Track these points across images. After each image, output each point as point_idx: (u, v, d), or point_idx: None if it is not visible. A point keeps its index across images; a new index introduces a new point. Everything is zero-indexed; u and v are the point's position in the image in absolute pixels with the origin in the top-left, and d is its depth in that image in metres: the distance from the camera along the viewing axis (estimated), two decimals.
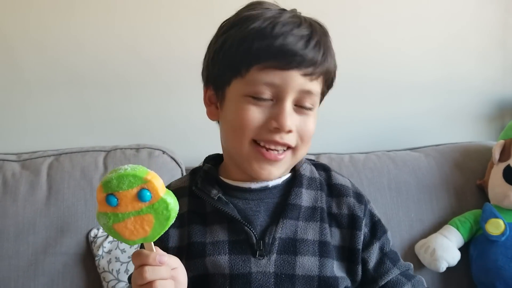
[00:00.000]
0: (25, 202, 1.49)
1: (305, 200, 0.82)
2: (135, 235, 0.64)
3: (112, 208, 0.62)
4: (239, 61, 0.76)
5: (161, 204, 0.63)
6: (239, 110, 0.77)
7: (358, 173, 1.55)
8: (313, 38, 0.76)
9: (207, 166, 0.87)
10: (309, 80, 0.76)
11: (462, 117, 1.86)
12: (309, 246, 0.79)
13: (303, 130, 0.78)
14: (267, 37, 0.75)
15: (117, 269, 1.42)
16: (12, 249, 1.45)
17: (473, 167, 1.58)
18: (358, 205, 0.84)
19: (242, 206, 0.81)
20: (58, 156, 1.58)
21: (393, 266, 0.85)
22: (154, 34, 1.75)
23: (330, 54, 0.79)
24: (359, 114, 1.82)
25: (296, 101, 0.77)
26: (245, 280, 0.77)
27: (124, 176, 0.61)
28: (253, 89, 0.76)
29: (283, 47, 0.74)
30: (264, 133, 0.76)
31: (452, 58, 1.83)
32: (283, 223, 0.79)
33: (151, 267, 0.65)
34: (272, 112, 0.76)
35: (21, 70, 1.74)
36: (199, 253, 0.79)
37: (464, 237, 1.44)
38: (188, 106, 1.77)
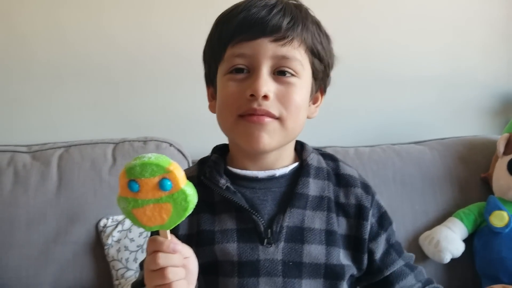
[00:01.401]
0: (36, 193, 1.52)
1: (312, 189, 0.83)
2: (153, 221, 0.66)
3: (133, 193, 0.64)
4: (217, 48, 0.81)
5: (180, 194, 0.64)
6: (222, 90, 0.80)
7: (364, 166, 1.57)
8: (277, 6, 0.78)
9: (215, 156, 0.88)
10: (280, 45, 0.77)
11: (467, 111, 1.87)
12: (316, 235, 0.80)
13: (285, 98, 0.78)
14: (234, 15, 0.79)
15: (126, 257, 1.45)
16: (24, 238, 1.48)
17: (477, 160, 1.60)
18: (366, 196, 0.85)
19: (250, 195, 0.82)
20: (68, 148, 1.61)
21: (399, 257, 0.87)
22: (161, 29, 1.77)
23: (302, 23, 0.79)
24: (364, 107, 1.83)
25: (274, 68, 0.78)
26: (253, 267, 0.78)
27: (148, 164, 0.63)
28: (229, 64, 0.79)
29: (246, 19, 0.77)
30: (243, 103, 0.77)
31: (457, 52, 1.84)
32: (290, 212, 0.80)
33: (165, 254, 0.67)
34: (248, 82, 0.77)
35: (32, 64, 1.76)
36: (208, 241, 0.81)
37: (468, 229, 1.46)
38: (194, 100, 1.78)
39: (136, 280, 0.89)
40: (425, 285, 0.87)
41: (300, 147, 0.88)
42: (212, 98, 0.86)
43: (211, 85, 0.86)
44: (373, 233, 0.85)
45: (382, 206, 0.88)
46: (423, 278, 0.88)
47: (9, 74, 1.76)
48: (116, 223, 1.48)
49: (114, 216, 1.50)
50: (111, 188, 1.53)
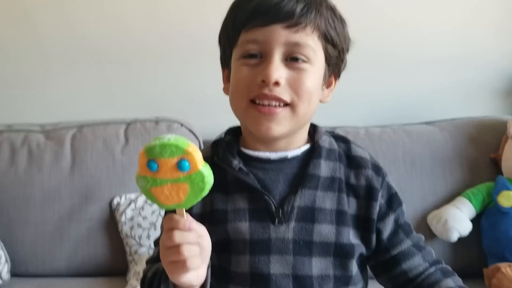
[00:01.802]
0: (50, 172, 1.56)
1: (323, 170, 0.84)
2: (170, 200, 0.68)
3: (151, 173, 0.66)
4: (231, 31, 0.81)
5: (198, 175, 0.66)
6: (235, 74, 0.81)
7: (374, 146, 1.57)
8: None
9: (228, 138, 0.89)
10: (293, 32, 0.77)
11: (478, 92, 1.85)
12: (327, 215, 0.82)
13: (297, 84, 0.78)
14: (248, 2, 0.79)
15: (139, 234, 1.48)
16: (39, 216, 1.53)
17: (487, 141, 1.60)
18: (376, 177, 0.86)
19: (262, 176, 0.83)
20: (80, 128, 1.64)
21: (406, 237, 0.87)
22: (172, 9, 1.77)
23: (316, 8, 0.79)
24: (375, 88, 1.83)
25: (287, 54, 0.78)
26: (264, 246, 0.80)
27: (167, 145, 0.64)
28: (242, 50, 0.79)
29: (260, 5, 0.77)
30: (255, 88, 0.78)
31: (468, 33, 1.82)
32: (302, 193, 0.82)
33: (180, 231, 0.68)
34: (260, 68, 0.78)
35: (44, 44, 1.78)
36: (221, 220, 0.82)
37: (476, 208, 1.47)
38: (205, 80, 1.79)
39: (151, 256, 0.92)
40: (432, 265, 0.87)
41: (313, 129, 0.89)
42: (227, 81, 0.87)
43: (226, 68, 0.87)
44: (382, 213, 0.85)
45: (393, 187, 0.89)
46: (431, 258, 0.88)
47: (22, 55, 1.79)
48: (129, 201, 1.51)
49: (127, 194, 1.53)
50: (124, 167, 1.57)
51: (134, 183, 1.56)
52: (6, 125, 1.68)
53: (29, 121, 1.72)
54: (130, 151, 1.59)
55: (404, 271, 0.86)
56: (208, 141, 1.62)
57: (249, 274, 0.80)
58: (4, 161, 1.57)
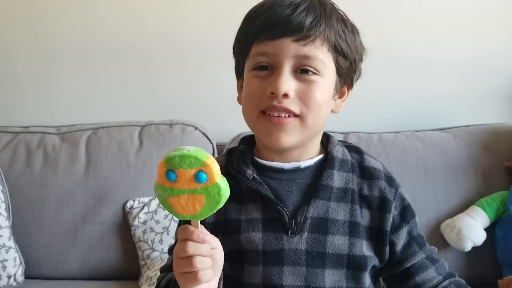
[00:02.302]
0: (65, 174, 1.57)
1: (336, 181, 0.84)
2: (186, 211, 0.69)
3: (170, 182, 0.67)
4: (244, 45, 0.83)
5: (214, 188, 0.67)
6: (246, 85, 0.82)
7: (386, 153, 1.57)
8: (301, 5, 0.79)
9: (242, 147, 0.90)
10: (302, 45, 0.78)
11: (492, 98, 1.84)
12: (340, 226, 0.82)
13: (306, 96, 0.79)
14: (259, 14, 0.80)
15: (152, 239, 1.49)
16: (53, 218, 1.54)
17: (501, 149, 1.58)
18: (389, 188, 0.86)
19: (275, 186, 0.84)
20: (95, 130, 1.65)
21: (420, 250, 0.87)
22: (188, 14, 1.78)
23: (325, 20, 0.79)
24: (388, 93, 1.82)
25: (296, 67, 0.79)
26: (277, 256, 0.80)
27: (187, 156, 0.65)
28: (253, 62, 0.81)
29: (271, 18, 0.78)
30: (265, 100, 0.79)
31: (483, 37, 1.80)
32: (315, 203, 0.82)
33: (194, 243, 0.69)
34: (270, 80, 0.79)
35: (60, 47, 1.80)
36: (234, 229, 0.83)
37: (490, 217, 1.46)
38: (219, 84, 1.80)
39: (165, 264, 0.92)
40: (446, 278, 0.87)
41: (326, 139, 0.89)
42: (241, 91, 0.88)
43: (240, 78, 0.88)
44: (395, 225, 0.85)
45: (406, 199, 0.89)
46: (445, 271, 0.88)
47: (38, 57, 1.81)
48: (142, 204, 1.52)
49: (140, 198, 1.54)
50: (138, 171, 1.57)
51: (147, 186, 1.59)
52: (23, 127, 1.70)
53: (45, 123, 1.73)
54: (144, 154, 1.60)
55: (417, 284, 0.86)
56: (222, 145, 1.64)
57: (261, 285, 0.80)
58: (20, 163, 1.58)
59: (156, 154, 1.59)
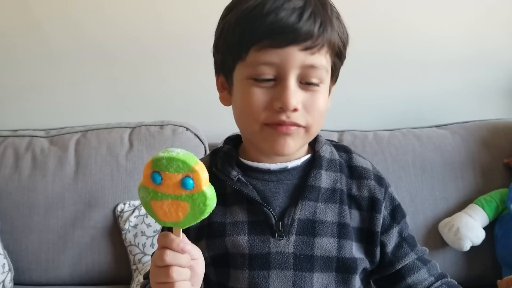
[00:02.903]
0: (54, 178, 1.55)
1: (324, 181, 0.81)
2: (167, 217, 0.65)
3: (154, 185, 0.64)
4: (237, 45, 0.76)
5: (200, 196, 0.64)
6: (244, 94, 0.76)
7: (382, 151, 1.54)
8: (306, 10, 0.73)
9: (226, 147, 0.87)
10: (309, 54, 0.73)
11: (491, 93, 1.82)
12: (328, 228, 0.79)
13: (311, 107, 0.76)
14: (259, 16, 0.73)
15: (143, 242, 1.47)
16: (43, 223, 1.52)
17: (501, 145, 1.55)
18: (379, 188, 0.84)
19: (262, 187, 0.81)
20: (85, 133, 1.62)
21: (411, 251, 0.85)
22: (178, 14, 1.76)
23: (330, 24, 0.75)
24: (384, 91, 1.80)
25: (301, 78, 0.75)
26: (264, 260, 0.78)
27: (175, 159, 0.62)
28: (254, 71, 0.74)
29: (275, 24, 0.72)
30: (271, 115, 0.75)
31: (480, 33, 1.78)
32: (302, 205, 0.79)
33: (173, 252, 0.66)
34: (276, 92, 0.74)
35: (50, 49, 1.78)
36: (219, 233, 0.80)
37: (489, 216, 1.43)
38: (210, 84, 1.76)
39: (148, 270, 0.90)
40: (438, 279, 0.85)
41: (313, 139, 0.86)
42: (223, 88, 0.84)
43: (222, 75, 0.83)
44: (385, 226, 0.83)
45: (396, 198, 0.86)
46: (436, 272, 0.86)
47: (26, 59, 1.79)
48: (133, 208, 1.50)
49: (131, 201, 1.51)
50: (128, 173, 1.55)
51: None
52: (11, 131, 1.67)
53: (34, 126, 1.72)
54: (135, 156, 1.57)
55: (409, 286, 0.84)
56: (214, 145, 1.61)
57: None
58: (8, 167, 1.56)
59: (146, 156, 1.56)
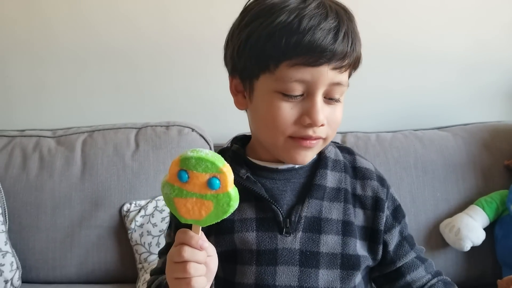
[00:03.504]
0: (61, 177, 1.56)
1: (330, 181, 0.84)
2: (190, 215, 0.67)
3: (180, 183, 0.65)
4: (267, 56, 0.75)
5: (225, 197, 0.66)
6: (271, 107, 0.77)
7: (385, 152, 1.56)
8: (341, 30, 0.75)
9: (235, 147, 0.89)
10: (338, 72, 0.76)
11: (492, 96, 1.83)
12: (333, 225, 0.82)
13: (332, 121, 0.79)
14: (295, 33, 0.73)
15: (148, 242, 1.48)
16: (50, 222, 1.54)
17: (501, 147, 1.57)
18: (381, 188, 0.87)
19: (269, 185, 0.84)
20: (91, 133, 1.64)
21: (411, 250, 0.88)
22: (184, 15, 1.77)
23: (358, 41, 0.78)
24: (387, 93, 1.81)
25: (326, 94, 0.77)
26: (271, 256, 0.80)
27: (204, 159, 0.64)
28: (284, 86, 0.75)
29: (312, 44, 0.73)
30: (298, 129, 0.77)
31: (482, 34, 1.80)
32: (308, 203, 0.82)
33: (191, 248, 0.68)
34: (304, 107, 0.76)
35: (56, 50, 1.80)
36: (228, 230, 0.82)
37: (489, 217, 1.45)
38: (215, 85, 1.78)
39: (155, 267, 0.92)
40: (434, 277, 0.89)
41: None
42: (237, 91, 0.84)
43: (239, 78, 0.83)
44: (388, 225, 0.86)
45: (397, 199, 0.90)
46: (433, 270, 0.90)
47: (34, 61, 1.81)
48: (139, 208, 1.51)
49: (137, 201, 1.53)
50: (134, 173, 1.57)
51: (144, 189, 1.58)
52: (18, 131, 1.69)
53: (40, 126, 1.73)
54: (141, 156, 1.59)
55: (408, 283, 0.88)
56: (219, 146, 1.64)
57: (254, 285, 0.80)
58: (16, 167, 1.57)
59: (152, 156, 1.58)
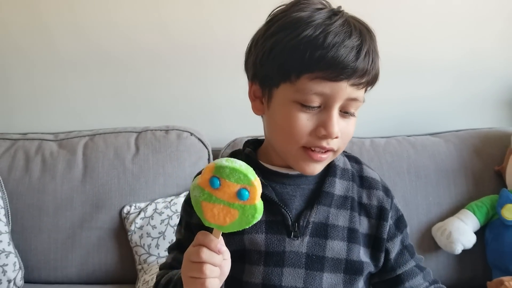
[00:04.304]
0: (63, 180, 1.59)
1: (338, 189, 0.87)
2: (214, 220, 0.70)
3: (211, 188, 0.69)
4: (290, 67, 0.78)
5: (251, 209, 0.69)
6: (288, 116, 0.79)
7: (379, 158, 1.59)
8: (363, 48, 0.77)
9: (248, 150, 0.91)
10: (356, 88, 0.78)
11: (483, 104, 1.87)
12: (339, 232, 0.85)
13: (346, 134, 0.81)
14: (319, 48, 0.76)
15: (148, 243, 1.51)
16: (52, 223, 1.56)
17: (492, 153, 1.61)
18: (386, 199, 0.90)
19: (280, 190, 0.86)
20: (92, 137, 1.67)
21: (411, 258, 0.92)
22: (182, 21, 1.80)
23: (377, 59, 0.81)
24: (381, 100, 1.82)
25: (342, 107, 0.79)
26: (278, 258, 0.83)
27: (238, 171, 0.67)
28: (303, 97, 0.77)
29: (335, 60, 0.75)
30: (312, 139, 0.79)
31: (474, 43, 1.83)
32: (317, 209, 0.85)
33: (209, 251, 0.71)
34: (320, 119, 0.78)
35: (58, 55, 1.82)
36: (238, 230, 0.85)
37: (480, 221, 1.49)
38: (214, 90, 1.83)
39: (164, 262, 0.94)
40: (431, 285, 0.92)
41: None
42: (255, 97, 0.86)
43: (259, 85, 0.85)
44: (391, 234, 0.89)
45: (399, 209, 0.93)
46: (430, 278, 0.93)
47: (35, 66, 1.82)
48: (138, 210, 1.55)
49: (137, 204, 1.56)
50: (134, 176, 1.60)
51: (144, 192, 1.61)
52: (21, 134, 1.71)
53: (42, 130, 1.76)
54: (141, 159, 1.62)
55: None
56: (217, 150, 1.67)
57: (261, 285, 0.83)
58: (18, 169, 1.60)
59: (152, 159, 1.62)
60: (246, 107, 0.90)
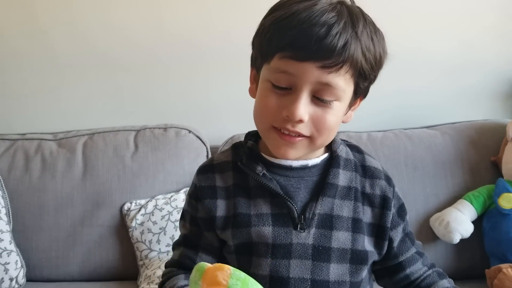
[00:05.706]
0: (63, 178, 1.60)
1: (341, 180, 0.87)
2: None
3: None
4: (266, 48, 0.78)
5: None
6: (261, 95, 0.81)
7: (376, 151, 1.61)
8: (334, 28, 0.73)
9: (250, 143, 0.91)
10: (326, 72, 0.74)
11: (478, 96, 1.89)
12: (344, 222, 0.85)
13: (319, 122, 0.78)
14: (288, 26, 0.74)
15: (149, 239, 1.52)
16: (52, 222, 1.57)
17: (488, 144, 1.63)
18: (389, 187, 0.91)
19: (284, 182, 0.86)
20: (91, 135, 1.68)
21: (412, 245, 0.93)
22: (180, 20, 1.81)
23: (356, 43, 0.75)
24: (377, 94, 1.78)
25: (315, 92, 0.77)
26: (286, 250, 0.83)
27: None
28: (273, 76, 0.78)
29: (299, 38, 0.73)
30: (278, 120, 0.79)
31: (468, 36, 1.85)
32: (322, 200, 0.85)
33: None
34: (287, 100, 0.77)
35: (56, 55, 1.82)
36: (244, 223, 0.85)
37: (477, 210, 1.51)
38: (212, 88, 1.84)
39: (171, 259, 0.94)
40: (430, 269, 0.94)
41: None
42: (254, 81, 0.87)
43: (255, 69, 0.86)
44: (394, 222, 0.90)
45: (401, 198, 0.94)
46: (428, 263, 0.95)
47: (33, 66, 1.83)
48: (139, 206, 1.56)
49: (137, 200, 1.57)
50: (134, 174, 1.61)
51: (144, 189, 1.62)
52: (20, 134, 1.72)
53: (41, 130, 1.76)
54: (140, 157, 1.63)
55: (407, 275, 0.92)
56: (215, 147, 1.68)
57: (268, 277, 0.83)
58: (18, 169, 1.60)
59: (151, 157, 1.63)
60: (243, 104, 0.90)
